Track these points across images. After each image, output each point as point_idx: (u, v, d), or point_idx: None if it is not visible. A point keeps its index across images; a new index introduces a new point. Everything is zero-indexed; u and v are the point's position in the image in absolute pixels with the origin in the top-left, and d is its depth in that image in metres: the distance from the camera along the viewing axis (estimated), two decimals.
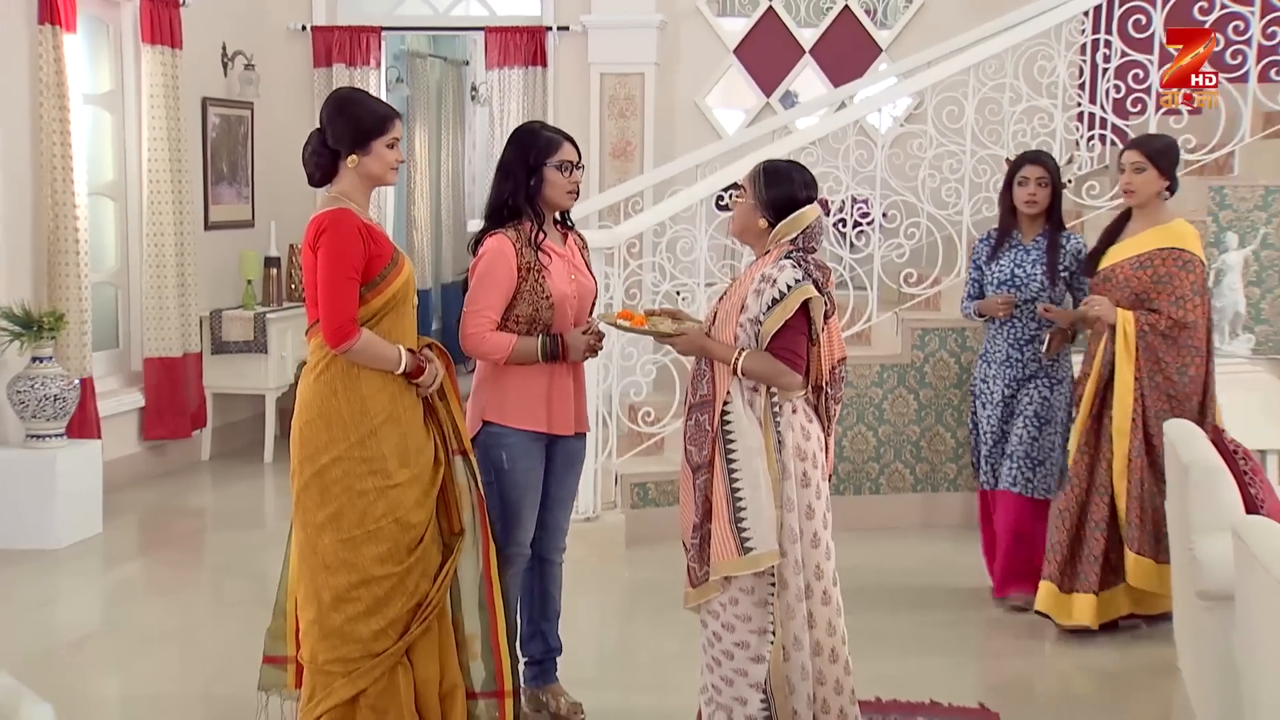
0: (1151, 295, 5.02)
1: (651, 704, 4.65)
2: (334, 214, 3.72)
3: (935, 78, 6.85)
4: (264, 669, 4.05)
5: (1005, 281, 5.47)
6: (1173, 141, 5.34)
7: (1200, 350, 5.04)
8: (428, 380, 3.82)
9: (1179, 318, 4.97)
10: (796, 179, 3.89)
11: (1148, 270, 5.05)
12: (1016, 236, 5.53)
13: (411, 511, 3.77)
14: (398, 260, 3.81)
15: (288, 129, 8.94)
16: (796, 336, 3.80)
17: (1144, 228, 5.14)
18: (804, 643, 3.79)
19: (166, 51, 7.71)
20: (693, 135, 8.69)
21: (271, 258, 8.61)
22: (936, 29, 8.23)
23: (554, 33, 8.78)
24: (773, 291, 3.77)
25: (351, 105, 3.87)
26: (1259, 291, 6.85)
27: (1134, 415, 5.00)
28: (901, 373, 6.83)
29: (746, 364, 3.79)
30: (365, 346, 3.70)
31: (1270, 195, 6.84)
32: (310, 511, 3.77)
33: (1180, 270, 5.01)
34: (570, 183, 4.16)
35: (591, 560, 5.89)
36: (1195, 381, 5.04)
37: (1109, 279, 5.13)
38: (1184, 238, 5.08)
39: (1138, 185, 5.13)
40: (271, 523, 7.45)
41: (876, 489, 6.83)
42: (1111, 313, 5.02)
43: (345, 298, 3.67)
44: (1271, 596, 2.96)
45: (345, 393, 3.72)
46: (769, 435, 3.80)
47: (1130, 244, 5.14)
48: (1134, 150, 5.19)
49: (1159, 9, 6.84)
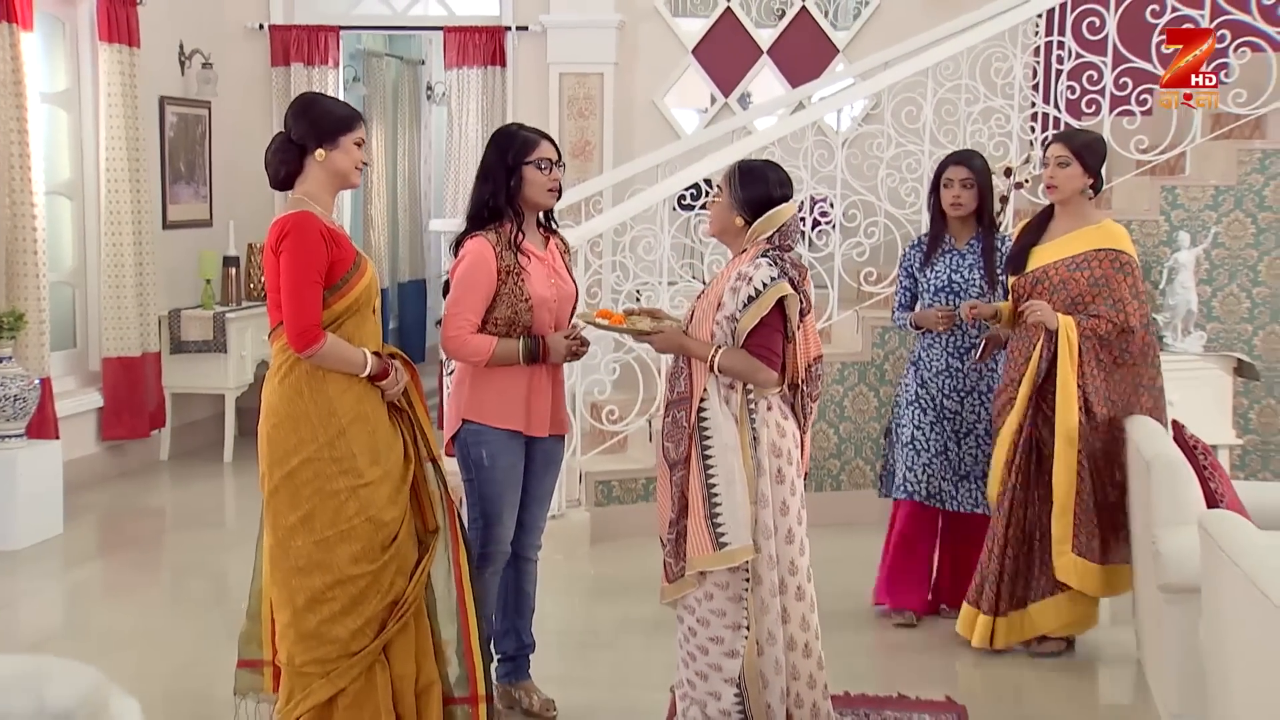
0: (1089, 299, 4.77)
1: (619, 699, 4.65)
2: (296, 217, 3.68)
3: (893, 79, 6.87)
4: (239, 673, 4.00)
5: (944, 288, 5.21)
6: (1098, 138, 5.05)
7: (1140, 356, 4.82)
8: (391, 385, 3.79)
9: (1119, 322, 4.73)
10: (771, 178, 3.92)
11: (1084, 272, 4.80)
12: (949, 241, 5.27)
13: (384, 509, 3.74)
14: (360, 264, 3.77)
15: (246, 128, 8.90)
16: (772, 334, 3.82)
17: (1072, 227, 4.89)
18: (778, 638, 3.81)
19: (124, 50, 7.62)
20: (651, 135, 8.68)
21: (230, 257, 8.54)
22: (893, 30, 8.26)
23: (513, 32, 8.76)
24: (749, 289, 3.79)
25: (320, 101, 3.88)
26: (1210, 290, 6.93)
27: (1079, 424, 4.75)
28: (862, 370, 6.86)
29: (722, 361, 3.80)
30: (330, 350, 3.66)
31: (1220, 195, 6.92)
32: (281, 515, 3.72)
33: (1117, 273, 4.77)
34: (550, 180, 4.15)
35: (557, 557, 5.87)
36: (1135, 387, 4.82)
37: (1042, 281, 4.85)
38: (1118, 238, 4.85)
39: (1060, 180, 4.87)
40: (232, 523, 7.39)
41: (838, 485, 6.86)
42: (1053, 318, 4.74)
43: (309, 302, 3.63)
44: (1239, 588, 2.99)
45: (311, 394, 3.68)
46: (745, 432, 3.82)
47: (1061, 244, 4.88)
48: (1058, 144, 4.93)
49: (1112, 11, 6.90)
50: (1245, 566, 2.95)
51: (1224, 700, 3.32)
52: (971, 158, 5.28)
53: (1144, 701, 4.58)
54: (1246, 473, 6.92)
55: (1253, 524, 3.33)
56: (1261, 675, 2.85)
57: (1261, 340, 6.97)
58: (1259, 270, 6.95)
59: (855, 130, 7.55)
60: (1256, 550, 3.00)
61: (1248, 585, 2.89)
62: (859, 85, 7.45)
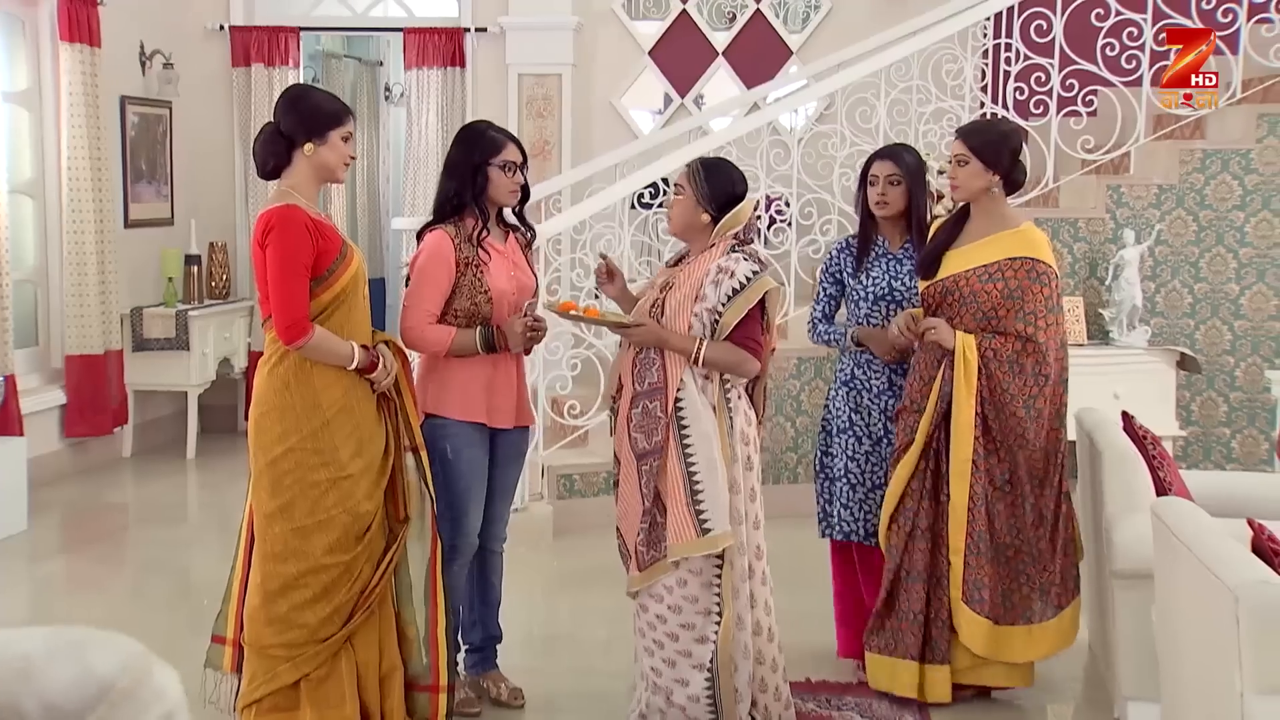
0: (1002, 313, 4.20)
1: (583, 688, 4.65)
2: (281, 210, 3.67)
3: (846, 80, 6.92)
4: (210, 647, 4.01)
5: (883, 297, 4.52)
6: (1008, 132, 4.43)
7: (1050, 377, 4.22)
8: (380, 377, 3.79)
9: (1029, 335, 4.17)
10: (735, 173, 3.96)
11: (998, 283, 4.20)
12: (883, 244, 4.59)
13: (361, 502, 3.75)
14: (346, 253, 3.77)
15: (207, 128, 8.85)
16: (755, 325, 3.88)
17: (987, 231, 4.29)
18: (746, 622, 3.84)
19: (85, 50, 7.53)
20: (609, 135, 8.69)
21: (192, 255, 8.46)
22: (845, 33, 8.30)
23: (472, 34, 8.74)
24: (732, 283, 3.82)
25: (311, 95, 3.87)
26: (1154, 285, 7.03)
27: (974, 457, 4.20)
28: (818, 365, 6.89)
29: (709, 353, 3.82)
30: (318, 343, 3.66)
31: (1163, 194, 7.02)
32: (262, 502, 3.74)
33: (1033, 284, 4.19)
34: (513, 183, 4.15)
35: (520, 550, 5.83)
36: (1043, 415, 4.23)
37: (953, 292, 4.27)
38: (1037, 246, 4.25)
39: (961, 179, 4.29)
40: (194, 518, 7.35)
41: (794, 478, 6.88)
42: (949, 338, 4.21)
43: (296, 295, 3.63)
44: (1191, 573, 3.04)
45: (298, 386, 3.69)
46: (723, 420, 3.85)
47: (974, 250, 4.28)
48: (957, 140, 4.36)
49: (1059, 14, 6.98)
50: (1197, 551, 2.99)
51: (1176, 681, 3.38)
52: (901, 153, 4.59)
53: (1094, 684, 4.63)
54: (1189, 463, 7.02)
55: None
56: (1212, 655, 2.90)
57: (1203, 334, 7.07)
58: (1200, 267, 7.05)
59: (810, 130, 7.58)
60: (1208, 535, 3.05)
61: (1200, 569, 2.93)
62: (813, 86, 7.49)
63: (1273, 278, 7.03)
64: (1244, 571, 2.78)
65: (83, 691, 1.64)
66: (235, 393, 8.94)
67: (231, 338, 8.60)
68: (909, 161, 4.53)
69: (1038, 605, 4.26)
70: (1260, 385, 7.01)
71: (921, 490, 4.28)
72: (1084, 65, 6.99)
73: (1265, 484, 4.88)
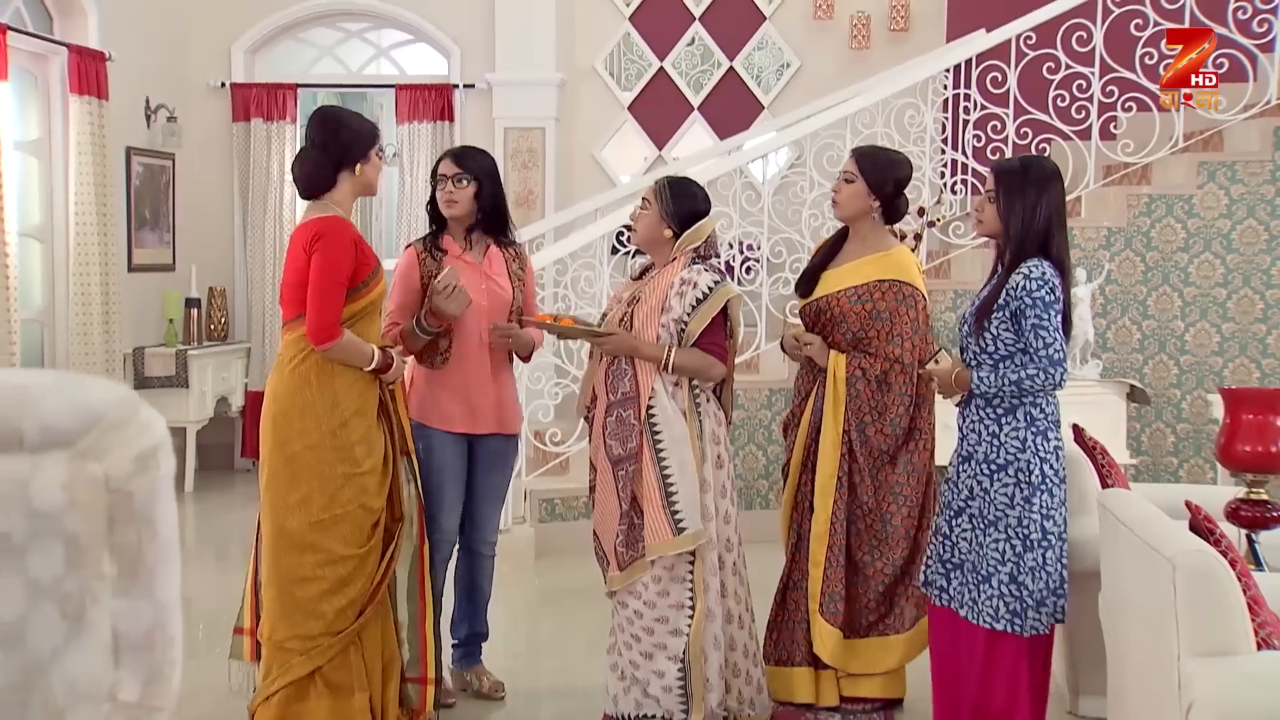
0: (871, 334, 4.17)
1: (562, 684, 4.71)
2: (331, 221, 3.78)
3: (815, 126, 7.06)
4: (234, 638, 4.08)
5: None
6: (897, 163, 4.31)
7: (910, 395, 4.13)
8: (395, 374, 3.90)
9: (897, 356, 4.13)
10: (699, 193, 4.06)
11: (866, 305, 4.18)
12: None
13: (373, 498, 3.83)
14: (378, 271, 3.89)
15: (208, 178, 8.95)
16: (719, 332, 3.97)
17: (861, 252, 4.27)
18: (717, 614, 3.89)
19: (93, 102, 7.64)
20: (590, 185, 8.82)
21: (192, 299, 8.53)
22: (813, 88, 8.47)
23: (461, 90, 8.88)
24: (695, 293, 3.91)
25: (347, 119, 3.91)
26: (1105, 322, 7.13)
27: (839, 474, 4.16)
28: (788, 396, 6.97)
29: (678, 360, 3.91)
30: (345, 345, 3.76)
31: (1113, 236, 7.14)
32: (280, 495, 3.78)
33: (900, 305, 4.15)
34: (444, 194, 4.28)
35: (504, 569, 5.84)
36: (912, 434, 4.16)
37: (825, 311, 4.26)
38: (906, 269, 4.22)
39: (843, 197, 4.25)
40: (191, 549, 7.34)
41: (766, 504, 6.94)
42: (823, 355, 4.22)
43: (333, 302, 3.72)
44: (1133, 551, 3.11)
45: (319, 386, 3.77)
46: (693, 424, 3.92)
47: (848, 271, 4.26)
48: (850, 158, 4.31)
49: (1013, 68, 7.14)
50: (1139, 530, 3.07)
51: (1120, 664, 3.44)
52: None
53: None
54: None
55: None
56: (1152, 626, 2.96)
57: (1151, 369, 7.18)
58: (1148, 305, 7.17)
59: (781, 177, 7.70)
60: (1150, 518, 3.13)
61: (1141, 546, 3.01)
62: (784, 133, 7.62)
63: (1215, 316, 7.15)
64: (1181, 543, 2.86)
65: (78, 418, 1.75)
66: (232, 431, 8.98)
67: (229, 377, 8.65)
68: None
69: (892, 619, 4.23)
70: (1206, 417, 7.11)
71: (805, 503, 4.27)
72: (1037, 115, 7.14)
73: (1207, 494, 4.94)
